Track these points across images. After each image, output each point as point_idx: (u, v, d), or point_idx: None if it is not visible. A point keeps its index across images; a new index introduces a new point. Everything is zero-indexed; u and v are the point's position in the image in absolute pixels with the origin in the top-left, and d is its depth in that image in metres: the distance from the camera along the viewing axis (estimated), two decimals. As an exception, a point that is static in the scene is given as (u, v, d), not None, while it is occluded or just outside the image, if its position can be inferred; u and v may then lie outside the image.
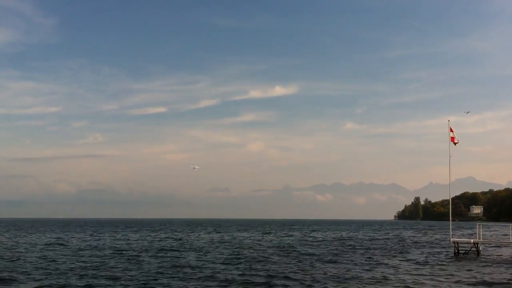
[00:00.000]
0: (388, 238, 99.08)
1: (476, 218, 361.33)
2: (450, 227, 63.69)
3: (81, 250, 61.56)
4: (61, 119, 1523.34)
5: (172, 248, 67.00)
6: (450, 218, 70.73)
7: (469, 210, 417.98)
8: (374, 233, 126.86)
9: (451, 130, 56.69)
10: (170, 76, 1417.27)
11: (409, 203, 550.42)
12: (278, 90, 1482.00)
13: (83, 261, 46.63)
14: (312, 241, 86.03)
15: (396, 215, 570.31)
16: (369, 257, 52.47)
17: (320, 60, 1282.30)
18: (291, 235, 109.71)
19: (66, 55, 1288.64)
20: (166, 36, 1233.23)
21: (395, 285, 32.44)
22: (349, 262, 47.25)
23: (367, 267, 42.41)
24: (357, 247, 69.93)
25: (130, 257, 50.83)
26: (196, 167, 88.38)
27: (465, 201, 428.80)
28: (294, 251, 62.02)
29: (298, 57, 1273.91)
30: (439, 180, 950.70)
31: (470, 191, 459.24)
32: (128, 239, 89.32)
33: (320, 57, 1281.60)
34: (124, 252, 58.72)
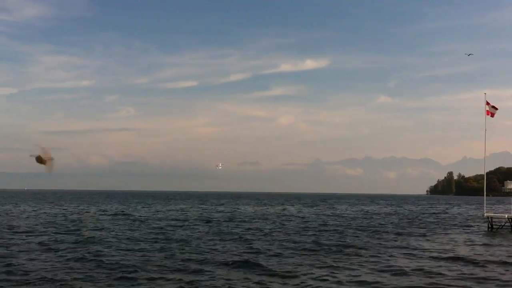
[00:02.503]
0: (424, 213, 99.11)
1: (510, 193, 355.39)
2: (485, 202, 63.26)
3: (174, 220, 63.34)
4: (94, 92, 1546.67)
5: (241, 218, 70.91)
6: (485, 193, 70.09)
7: (503, 185, 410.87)
8: (416, 208, 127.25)
9: (487, 104, 55.83)
10: (201, 50, 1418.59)
11: (441, 177, 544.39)
12: (309, 64, 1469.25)
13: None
14: (371, 214, 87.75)
15: (428, 190, 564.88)
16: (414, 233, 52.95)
17: (351, 33, 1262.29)
18: (342, 209, 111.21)
19: (98, 29, 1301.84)
20: (196, 10, 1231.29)
21: (429, 256, 32.77)
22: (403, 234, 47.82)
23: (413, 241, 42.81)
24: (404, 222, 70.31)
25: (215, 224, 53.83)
26: (220, 165, 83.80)
27: (499, 176, 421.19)
28: (354, 224, 62.96)
29: (329, 30, 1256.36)
30: (473, 155, 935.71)
31: (505, 166, 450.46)
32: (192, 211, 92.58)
33: (351, 29, 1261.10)
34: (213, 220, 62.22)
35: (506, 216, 57.38)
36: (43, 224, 56.33)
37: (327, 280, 24.02)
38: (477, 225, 64.19)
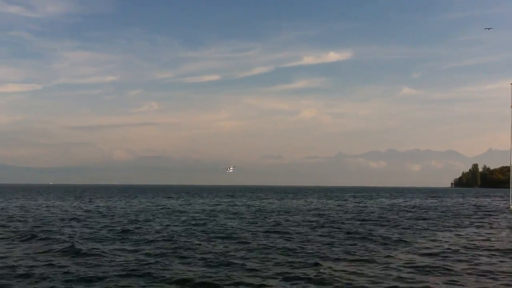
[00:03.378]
0: (453, 205, 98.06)
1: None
2: (511, 194, 62.55)
3: (215, 211, 64.13)
4: (118, 87, 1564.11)
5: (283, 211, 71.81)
6: (511, 186, 69.19)
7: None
8: (447, 201, 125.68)
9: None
10: (224, 43, 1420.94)
11: (466, 170, 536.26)
12: (332, 56, 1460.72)
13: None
14: (404, 207, 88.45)
15: (453, 182, 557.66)
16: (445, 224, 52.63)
17: (375, 24, 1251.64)
18: (373, 202, 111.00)
19: (122, 24, 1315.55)
20: (219, 4, 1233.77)
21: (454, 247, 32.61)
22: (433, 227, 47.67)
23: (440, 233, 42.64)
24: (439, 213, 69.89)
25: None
26: (231, 169, 78.95)
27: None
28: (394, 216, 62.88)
29: (352, 21, 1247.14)
30: (499, 147, 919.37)
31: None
32: (234, 204, 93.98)
33: (375, 20, 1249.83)
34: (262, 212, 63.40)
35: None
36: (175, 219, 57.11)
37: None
38: (502, 217, 63.38)
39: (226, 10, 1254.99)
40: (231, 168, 76.71)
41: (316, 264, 25.16)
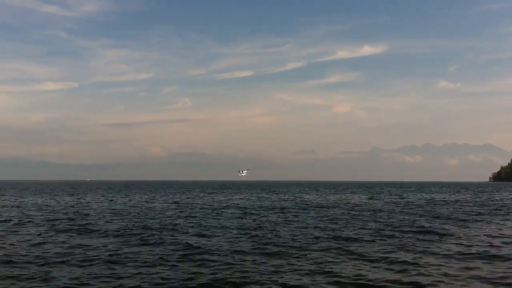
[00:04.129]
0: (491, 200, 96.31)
1: None
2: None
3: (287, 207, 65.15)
4: (152, 85, 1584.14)
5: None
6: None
7: None
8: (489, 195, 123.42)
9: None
10: (256, 39, 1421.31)
11: (505, 164, 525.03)
12: (366, 50, 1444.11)
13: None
14: (445, 202, 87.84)
15: (491, 176, 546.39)
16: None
17: (410, 16, 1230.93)
18: (416, 196, 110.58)
19: (155, 22, 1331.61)
20: (250, 0, 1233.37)
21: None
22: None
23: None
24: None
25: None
26: (244, 172, 76.11)
27: None
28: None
29: (387, 14, 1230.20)
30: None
31: None
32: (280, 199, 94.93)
33: (410, 13, 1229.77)
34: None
35: None
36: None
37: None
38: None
39: (258, 5, 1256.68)
40: (244, 171, 75.16)
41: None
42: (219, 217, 51.04)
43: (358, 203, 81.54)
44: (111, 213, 56.18)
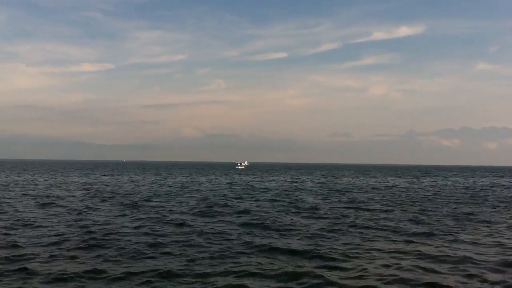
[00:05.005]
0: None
1: None
2: None
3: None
4: (187, 66, 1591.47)
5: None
6: None
7: None
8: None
9: None
10: (291, 20, 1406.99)
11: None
12: (403, 31, 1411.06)
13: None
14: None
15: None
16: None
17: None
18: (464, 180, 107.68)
19: (190, 3, 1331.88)
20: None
21: None
22: None
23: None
24: None
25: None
26: (243, 164, 72.64)
27: None
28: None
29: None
30: None
31: None
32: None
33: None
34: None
35: None
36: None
37: None
38: None
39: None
40: (242, 164, 73.22)
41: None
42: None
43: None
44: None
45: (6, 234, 25.89)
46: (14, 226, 28.70)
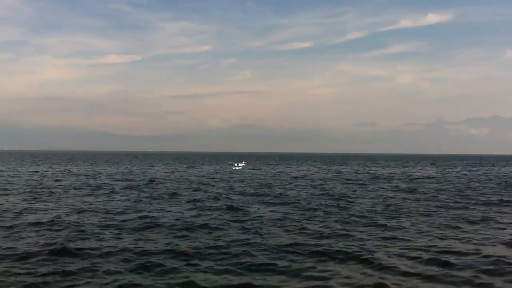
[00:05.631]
0: None
1: None
2: None
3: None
4: (212, 57, 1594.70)
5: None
6: None
7: None
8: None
9: None
10: (316, 9, 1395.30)
11: None
12: (431, 18, 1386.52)
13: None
14: None
15: None
16: None
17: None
18: None
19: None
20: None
21: None
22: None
23: None
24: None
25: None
26: (239, 165, 67.23)
27: None
28: None
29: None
30: None
31: None
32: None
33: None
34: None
35: None
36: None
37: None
38: None
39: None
40: (240, 165, 67.00)
41: None
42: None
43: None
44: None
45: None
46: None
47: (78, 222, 26.47)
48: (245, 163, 73.74)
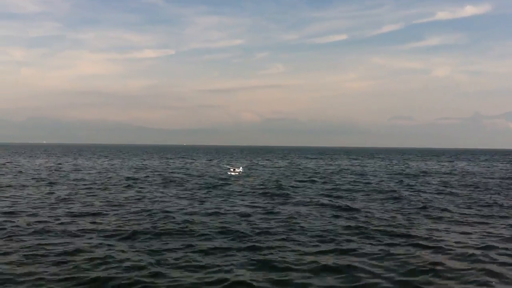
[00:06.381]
0: None
1: None
2: None
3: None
4: (245, 51, 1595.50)
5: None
6: None
7: None
8: None
9: None
10: (351, 1, 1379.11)
11: None
12: (469, 10, 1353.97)
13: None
14: None
15: None
16: None
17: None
18: None
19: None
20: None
21: None
22: None
23: None
24: None
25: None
26: (236, 171, 62.21)
27: None
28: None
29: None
30: None
31: None
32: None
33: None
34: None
35: None
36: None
37: None
38: None
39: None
40: (236, 170, 61.66)
41: None
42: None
43: None
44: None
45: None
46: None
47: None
48: (242, 169, 66.92)
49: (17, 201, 33.54)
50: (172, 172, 68.95)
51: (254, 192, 42.22)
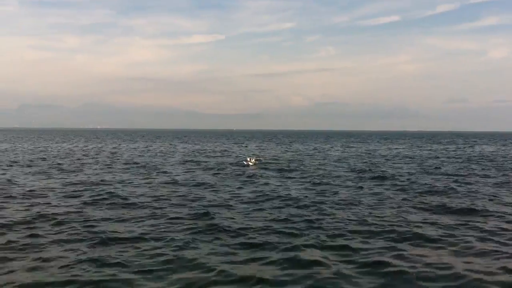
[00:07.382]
0: None
1: None
2: None
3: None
4: (295, 34, 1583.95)
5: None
6: None
7: None
8: None
9: None
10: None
11: None
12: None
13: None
14: None
15: None
16: None
17: None
18: None
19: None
20: None
21: None
22: None
23: None
24: None
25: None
26: (252, 161, 57.08)
27: None
28: None
29: None
30: None
31: None
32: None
33: None
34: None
35: None
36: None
37: None
38: None
39: None
40: (252, 160, 56.72)
41: None
42: None
43: None
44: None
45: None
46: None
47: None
48: (255, 161, 58.22)
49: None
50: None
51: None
